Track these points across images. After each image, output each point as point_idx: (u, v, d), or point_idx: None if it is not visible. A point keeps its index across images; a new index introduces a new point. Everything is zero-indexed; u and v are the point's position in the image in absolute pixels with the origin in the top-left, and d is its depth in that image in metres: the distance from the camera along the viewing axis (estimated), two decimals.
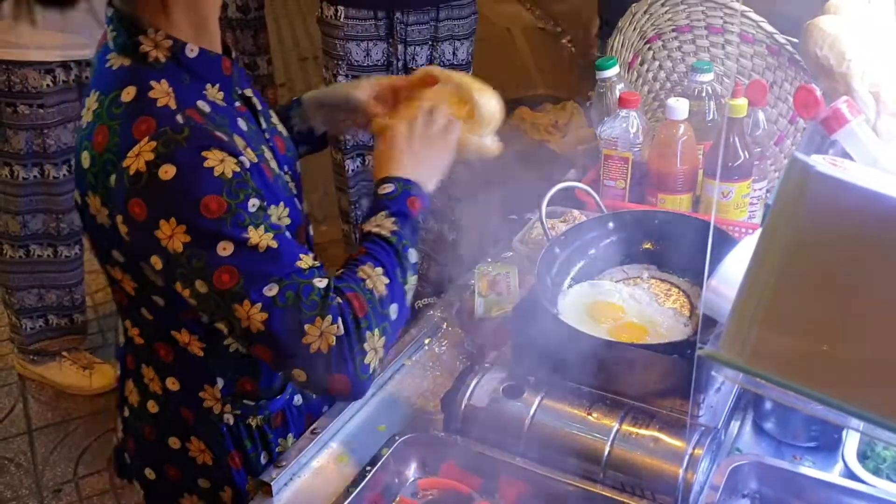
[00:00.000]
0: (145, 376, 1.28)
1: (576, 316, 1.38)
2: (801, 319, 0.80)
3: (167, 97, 1.10)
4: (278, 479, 1.22)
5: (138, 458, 1.36)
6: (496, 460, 1.21)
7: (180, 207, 1.04)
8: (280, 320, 1.06)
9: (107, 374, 2.93)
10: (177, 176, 1.04)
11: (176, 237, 1.05)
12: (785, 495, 1.16)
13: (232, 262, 1.05)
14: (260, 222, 1.08)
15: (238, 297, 1.05)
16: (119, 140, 1.08)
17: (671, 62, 1.88)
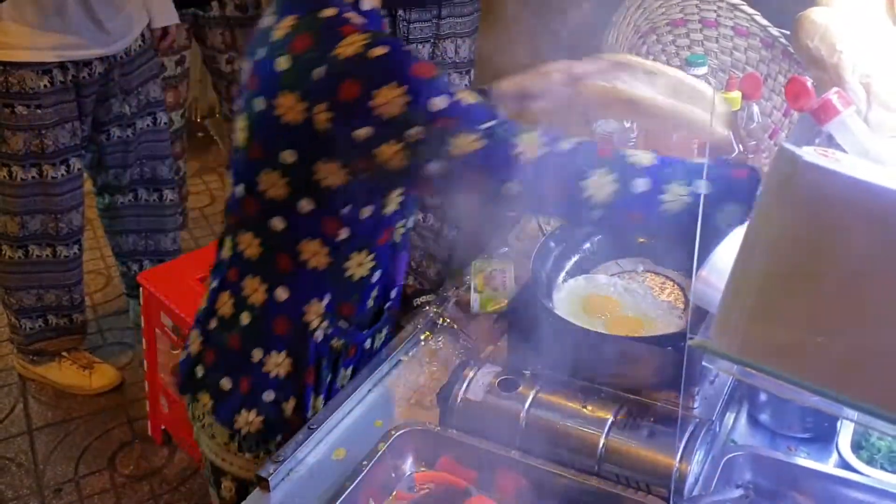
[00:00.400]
0: (247, 288, 1.35)
1: (571, 310, 1.39)
2: (790, 309, 0.80)
3: (361, 22, 1.24)
4: (275, 474, 1.22)
5: (216, 370, 1.40)
6: (492, 454, 1.21)
7: (396, 74, 1.16)
8: (494, 141, 1.16)
9: (107, 374, 2.94)
10: (389, 52, 1.17)
11: (394, 101, 1.15)
12: (780, 486, 1.17)
13: (448, 113, 1.16)
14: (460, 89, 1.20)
15: (455, 131, 1.16)
16: (325, 40, 1.20)
17: (665, 56, 1.89)
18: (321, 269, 1.31)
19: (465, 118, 1.16)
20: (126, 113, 2.75)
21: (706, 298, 0.94)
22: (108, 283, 3.50)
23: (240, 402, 1.38)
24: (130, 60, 2.68)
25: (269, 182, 1.27)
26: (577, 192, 1.15)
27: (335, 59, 1.17)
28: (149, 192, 2.95)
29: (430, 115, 1.15)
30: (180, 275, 2.48)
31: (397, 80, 1.15)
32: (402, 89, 1.15)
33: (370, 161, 1.20)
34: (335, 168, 1.22)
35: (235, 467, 1.44)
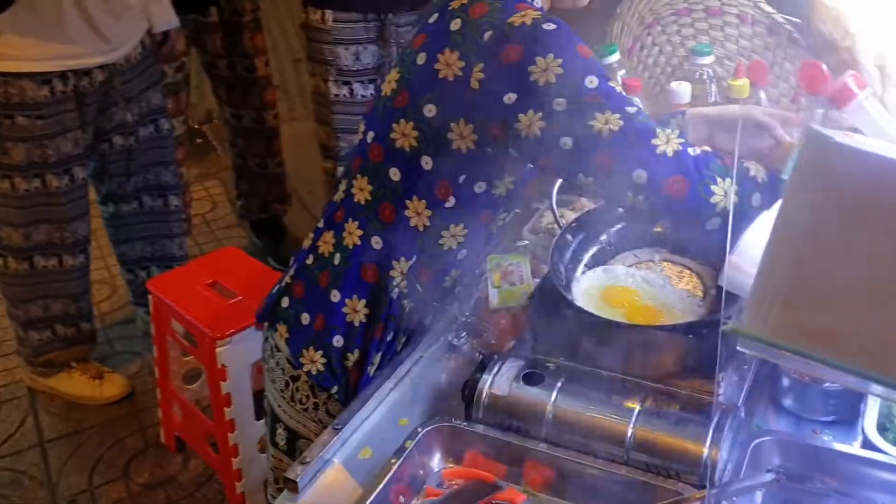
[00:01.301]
0: (347, 230, 1.42)
1: (590, 301, 1.39)
2: (823, 291, 0.81)
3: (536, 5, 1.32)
4: (303, 475, 1.22)
5: (300, 303, 1.47)
6: (520, 447, 1.22)
7: (559, 47, 1.22)
8: (635, 125, 1.21)
9: (117, 383, 2.94)
10: (557, 29, 1.23)
11: (551, 69, 1.21)
12: (808, 469, 1.17)
13: (597, 91, 1.21)
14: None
15: (601, 108, 1.21)
16: (502, 8, 1.26)
17: (671, 46, 1.89)
18: (419, 230, 1.38)
19: (613, 99, 1.22)
20: (128, 121, 2.75)
21: (737, 283, 0.94)
22: (114, 292, 3.49)
23: (311, 338, 1.45)
24: (131, 68, 2.68)
25: (402, 132, 1.33)
26: (704, 195, 1.19)
27: (506, 25, 1.23)
28: (153, 199, 2.95)
29: (582, 90, 1.21)
30: (189, 281, 2.47)
31: (556, 53, 1.21)
32: (559, 61, 1.20)
33: (508, 128, 1.24)
34: (468, 131, 1.28)
35: (287, 416, 1.51)
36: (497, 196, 1.38)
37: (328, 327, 1.44)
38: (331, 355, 1.44)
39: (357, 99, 2.70)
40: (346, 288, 1.43)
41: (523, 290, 1.53)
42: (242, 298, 2.38)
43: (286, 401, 1.51)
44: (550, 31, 1.23)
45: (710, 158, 1.23)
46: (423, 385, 1.42)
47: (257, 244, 3.66)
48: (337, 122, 2.76)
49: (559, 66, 1.21)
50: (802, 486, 1.18)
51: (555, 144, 1.22)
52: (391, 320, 1.44)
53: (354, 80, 2.68)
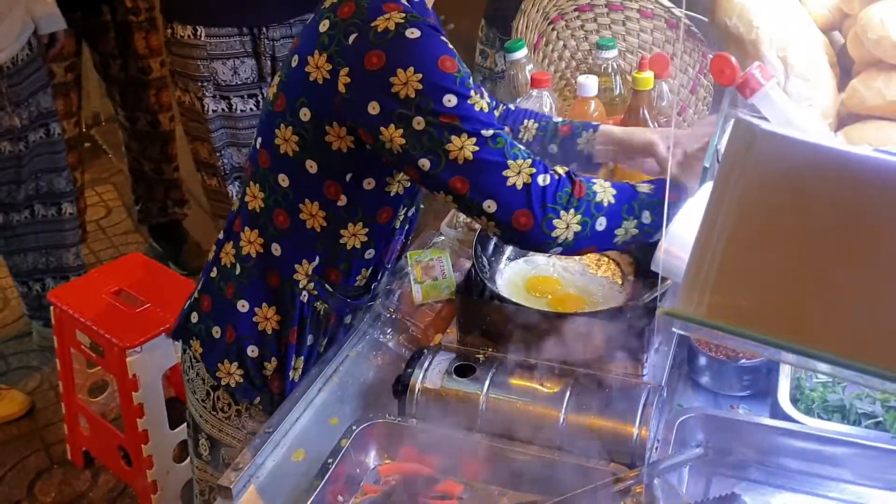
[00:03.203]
0: (246, 238, 1.40)
1: (515, 292, 1.42)
2: (753, 272, 0.85)
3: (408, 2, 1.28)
4: (237, 482, 1.20)
5: (209, 317, 1.45)
6: (455, 439, 1.23)
7: (420, 60, 1.19)
8: (489, 152, 1.20)
9: (15, 400, 2.81)
10: (421, 37, 1.20)
11: (410, 84, 1.18)
12: (730, 443, 1.23)
13: (455, 112, 1.19)
14: (477, 91, 1.23)
15: (457, 130, 1.19)
16: (368, 9, 1.22)
17: (575, 41, 1.94)
18: (317, 231, 1.35)
19: (470, 122, 1.19)
20: (17, 125, 2.62)
21: (670, 268, 0.98)
22: (6, 305, 3.33)
23: (224, 351, 1.42)
24: (18, 70, 2.56)
25: (284, 137, 1.31)
26: (546, 230, 1.20)
27: (371, 28, 1.20)
28: (46, 207, 2.83)
29: (439, 109, 1.18)
30: (94, 290, 2.39)
31: (417, 66, 1.18)
32: (419, 76, 1.18)
33: (374, 137, 1.23)
34: (343, 133, 1.26)
35: (209, 426, 1.48)
36: (392, 194, 1.36)
37: (240, 338, 1.42)
38: (247, 366, 1.43)
39: (237, 113, 2.63)
40: (253, 297, 1.41)
41: (445, 284, 1.55)
42: (151, 306, 2.31)
43: (207, 411, 1.48)
44: (413, 40, 1.19)
45: (559, 188, 1.21)
46: (352, 383, 1.41)
47: (157, 249, 3.56)
48: (216, 138, 2.66)
49: (418, 81, 1.18)
50: (725, 459, 1.23)
51: (414, 163, 1.21)
52: (306, 323, 1.42)
53: (233, 95, 2.62)
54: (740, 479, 1.22)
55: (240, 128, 2.63)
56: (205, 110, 2.59)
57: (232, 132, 2.65)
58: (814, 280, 0.82)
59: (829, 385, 1.33)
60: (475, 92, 1.21)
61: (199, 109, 2.61)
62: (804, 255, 0.81)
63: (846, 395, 1.29)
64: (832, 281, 0.81)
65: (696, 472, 1.23)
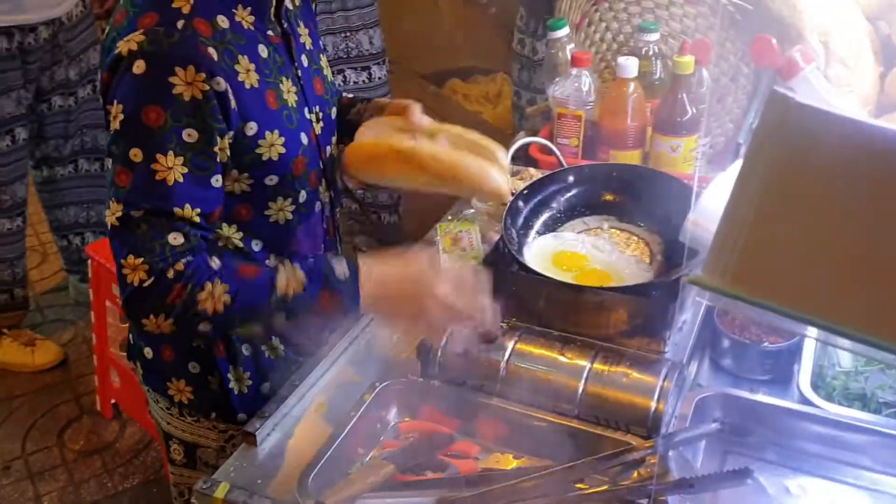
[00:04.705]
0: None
1: (542, 266, 1.43)
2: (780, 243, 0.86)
3: (185, 3, 1.17)
4: (262, 429, 1.24)
5: (139, 339, 1.42)
6: (474, 402, 1.26)
7: (129, 101, 1.13)
8: (122, 234, 1.15)
9: (50, 350, 2.88)
10: (142, 75, 1.12)
11: (116, 119, 1.14)
12: (748, 423, 1.24)
13: (132, 169, 1.13)
14: (184, 153, 1.14)
15: (118, 194, 1.14)
16: (127, 24, 1.16)
17: (617, 23, 1.94)
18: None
19: (130, 193, 1.12)
20: (71, 79, 2.68)
21: (698, 239, 0.99)
22: (44, 260, 3.41)
23: (168, 370, 1.39)
24: (73, 25, 2.61)
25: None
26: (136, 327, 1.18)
27: (115, 49, 1.14)
28: (90, 162, 2.88)
29: (124, 160, 1.13)
30: None
31: (125, 106, 1.13)
32: (122, 117, 1.13)
33: None
34: None
35: (179, 431, 1.45)
36: (238, 192, 1.26)
37: (178, 356, 1.37)
38: (195, 383, 1.38)
39: None
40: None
41: (473, 255, 1.57)
42: None
43: (175, 417, 1.44)
44: (132, 76, 1.12)
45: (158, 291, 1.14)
46: (377, 344, 1.44)
47: None
48: None
49: (119, 122, 1.13)
50: (742, 439, 1.24)
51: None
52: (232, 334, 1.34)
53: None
54: (756, 459, 1.23)
55: None
56: None
57: None
58: (841, 255, 0.82)
59: (851, 374, 1.33)
60: (178, 147, 1.13)
61: None
62: (833, 229, 0.82)
63: (868, 384, 1.29)
64: (860, 256, 0.82)
65: (711, 449, 1.24)
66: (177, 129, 1.13)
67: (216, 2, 1.20)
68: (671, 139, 1.72)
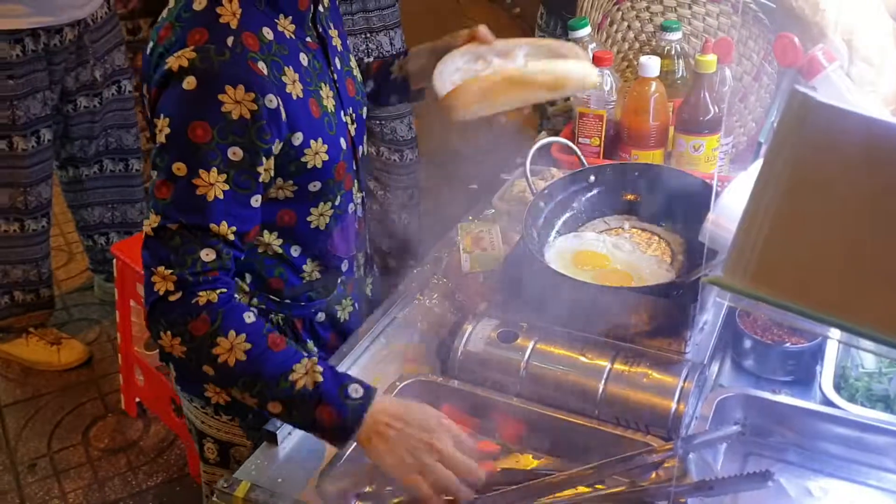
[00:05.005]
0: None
1: (563, 265, 1.43)
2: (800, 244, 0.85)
3: (232, 17, 1.18)
4: (283, 428, 1.25)
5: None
6: (494, 401, 1.26)
7: (177, 115, 1.14)
8: (156, 245, 1.16)
9: (75, 349, 2.91)
10: (191, 91, 1.13)
11: (162, 132, 1.15)
12: (769, 424, 1.23)
13: (175, 182, 1.14)
14: (227, 171, 1.15)
15: (156, 206, 1.16)
16: (175, 40, 1.18)
17: (639, 22, 1.93)
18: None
19: (170, 207, 1.14)
20: (97, 80, 2.71)
21: (717, 240, 0.98)
22: (71, 259, 3.45)
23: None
24: (98, 27, 2.64)
25: None
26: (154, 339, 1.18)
27: (166, 65, 1.16)
28: (114, 163, 2.91)
29: (166, 174, 1.14)
30: None
31: (171, 120, 1.14)
32: (168, 131, 1.14)
33: None
34: None
35: (214, 430, 1.46)
36: (282, 198, 1.29)
37: None
38: None
39: None
40: None
41: (494, 255, 1.57)
42: None
43: (210, 416, 1.45)
44: (182, 92, 1.13)
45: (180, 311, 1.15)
46: (398, 344, 1.44)
47: None
48: None
49: (165, 136, 1.14)
50: (764, 440, 1.23)
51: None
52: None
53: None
54: (777, 461, 1.22)
55: None
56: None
57: None
58: (861, 255, 0.82)
59: (875, 375, 1.31)
60: (222, 164, 1.14)
61: None
62: (853, 229, 0.81)
63: (892, 385, 1.28)
64: (881, 256, 0.81)
65: (732, 451, 1.23)
66: (222, 146, 1.14)
67: (260, 14, 1.21)
68: (693, 138, 1.71)
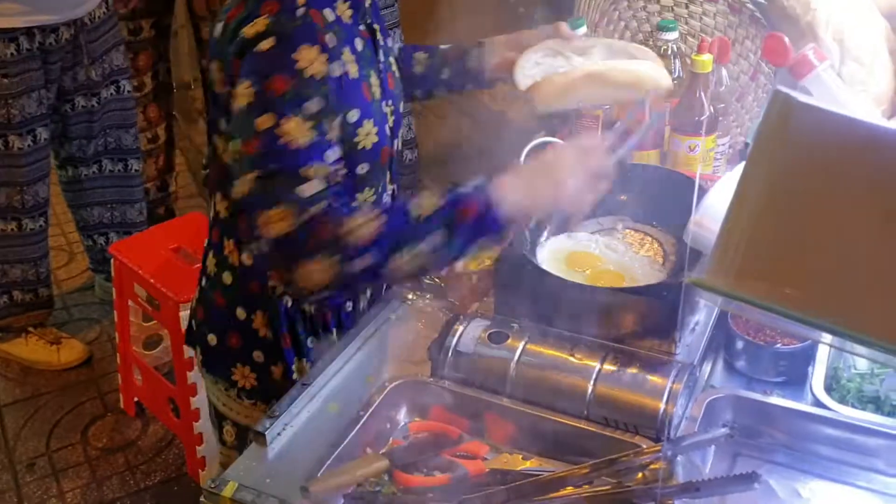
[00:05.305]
0: (225, 248, 1.40)
1: (554, 266, 1.43)
2: (782, 245, 0.85)
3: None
4: (272, 428, 1.25)
5: (204, 325, 1.47)
6: (483, 402, 1.25)
7: (256, 75, 1.18)
8: (254, 198, 1.18)
9: (75, 349, 2.92)
10: (269, 50, 1.18)
11: (244, 96, 1.18)
12: (759, 425, 1.23)
13: (259, 135, 1.17)
14: (306, 121, 1.18)
15: (245, 163, 1.18)
16: (247, 14, 1.22)
17: (636, 22, 1.93)
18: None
19: (266, 158, 1.16)
20: (93, 80, 2.71)
21: (701, 241, 0.98)
22: (72, 259, 3.46)
23: (233, 357, 1.43)
24: (95, 27, 2.65)
25: (221, 147, 1.31)
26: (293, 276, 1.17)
27: (241, 35, 1.20)
28: (113, 163, 2.92)
29: (252, 132, 1.17)
30: (153, 245, 2.47)
31: (253, 81, 1.17)
32: (250, 91, 1.17)
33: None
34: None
35: (235, 413, 1.49)
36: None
37: (245, 344, 1.42)
38: (258, 370, 1.43)
39: None
40: (246, 304, 1.41)
41: (487, 255, 1.56)
42: None
43: (232, 399, 1.48)
44: (259, 53, 1.18)
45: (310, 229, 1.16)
46: (390, 344, 1.44)
47: None
48: None
49: (247, 96, 1.17)
50: (753, 441, 1.23)
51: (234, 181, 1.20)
52: (297, 328, 1.41)
53: None
54: (767, 462, 1.22)
55: None
56: None
57: None
58: (841, 256, 0.81)
59: (867, 376, 1.31)
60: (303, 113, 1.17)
61: None
62: (834, 230, 0.81)
63: (884, 387, 1.28)
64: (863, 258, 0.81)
65: (721, 452, 1.23)
66: (299, 99, 1.17)
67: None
68: (689, 139, 1.71)
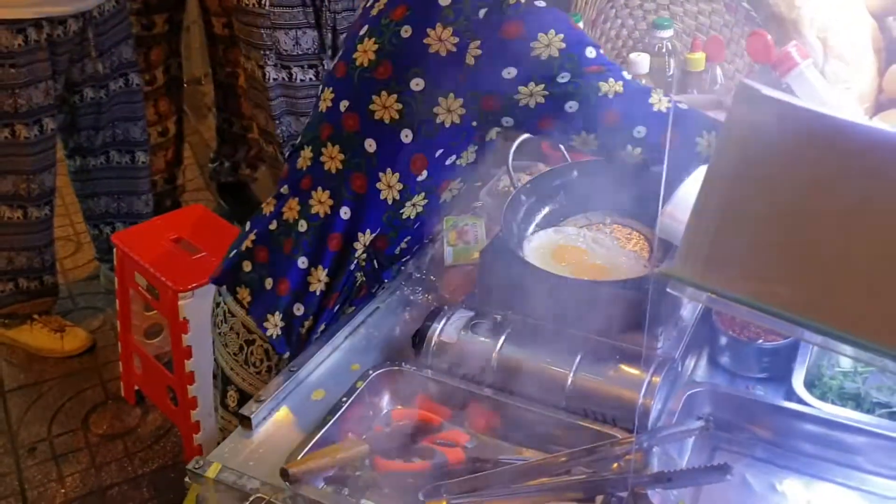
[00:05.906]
0: (315, 198, 1.44)
1: (541, 259, 1.44)
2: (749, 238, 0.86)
3: None
4: (258, 412, 1.26)
5: (264, 268, 1.49)
6: (465, 391, 1.27)
7: (558, 23, 1.30)
8: (633, 87, 1.33)
9: (79, 337, 2.95)
10: (549, 7, 1.32)
11: (553, 45, 1.29)
12: (738, 420, 1.24)
13: (597, 62, 1.32)
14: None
15: (603, 76, 1.31)
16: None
17: (633, 20, 1.94)
18: (389, 203, 1.41)
19: (611, 67, 1.33)
20: (100, 73, 2.74)
21: (672, 232, 0.99)
22: (78, 249, 3.50)
23: (275, 303, 1.47)
24: (104, 20, 2.67)
25: (383, 104, 1.36)
26: (691, 146, 1.28)
27: (503, 2, 1.30)
28: (121, 155, 2.95)
29: (583, 61, 1.30)
30: (155, 236, 2.49)
31: (557, 29, 1.29)
32: (561, 36, 1.29)
33: (506, 99, 1.31)
34: (457, 105, 1.33)
35: (240, 379, 1.53)
36: (459, 166, 1.41)
37: (293, 293, 1.46)
38: (290, 322, 1.47)
39: (297, 83, 2.70)
40: (312, 256, 1.45)
41: (477, 248, 1.58)
42: (206, 254, 2.41)
43: (239, 364, 1.52)
44: (545, 9, 1.31)
45: (695, 114, 1.33)
46: (377, 334, 1.46)
47: (224, 207, 3.68)
48: (275, 106, 2.73)
49: (561, 40, 1.28)
50: (732, 436, 1.24)
51: (559, 109, 1.31)
52: (345, 291, 1.47)
53: (294, 65, 2.69)
54: (745, 456, 1.23)
55: (299, 97, 2.70)
56: (265, 78, 2.67)
57: (291, 101, 2.73)
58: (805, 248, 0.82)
59: (850, 374, 1.32)
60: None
61: (259, 77, 2.70)
62: (797, 222, 0.82)
63: (865, 384, 1.28)
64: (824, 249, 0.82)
65: (700, 446, 1.24)
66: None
67: None
68: None
